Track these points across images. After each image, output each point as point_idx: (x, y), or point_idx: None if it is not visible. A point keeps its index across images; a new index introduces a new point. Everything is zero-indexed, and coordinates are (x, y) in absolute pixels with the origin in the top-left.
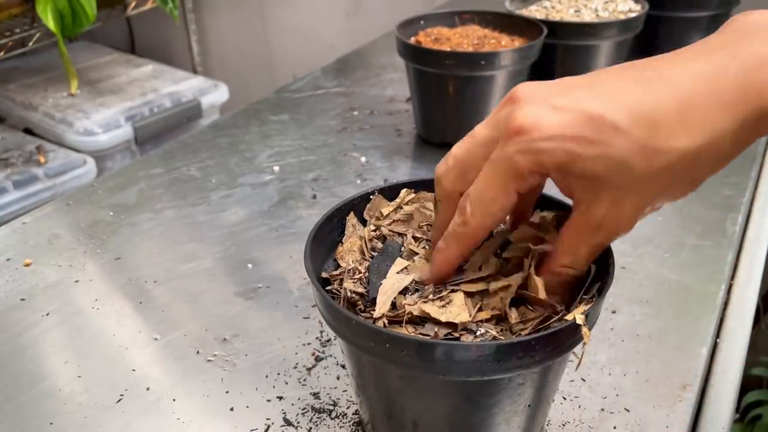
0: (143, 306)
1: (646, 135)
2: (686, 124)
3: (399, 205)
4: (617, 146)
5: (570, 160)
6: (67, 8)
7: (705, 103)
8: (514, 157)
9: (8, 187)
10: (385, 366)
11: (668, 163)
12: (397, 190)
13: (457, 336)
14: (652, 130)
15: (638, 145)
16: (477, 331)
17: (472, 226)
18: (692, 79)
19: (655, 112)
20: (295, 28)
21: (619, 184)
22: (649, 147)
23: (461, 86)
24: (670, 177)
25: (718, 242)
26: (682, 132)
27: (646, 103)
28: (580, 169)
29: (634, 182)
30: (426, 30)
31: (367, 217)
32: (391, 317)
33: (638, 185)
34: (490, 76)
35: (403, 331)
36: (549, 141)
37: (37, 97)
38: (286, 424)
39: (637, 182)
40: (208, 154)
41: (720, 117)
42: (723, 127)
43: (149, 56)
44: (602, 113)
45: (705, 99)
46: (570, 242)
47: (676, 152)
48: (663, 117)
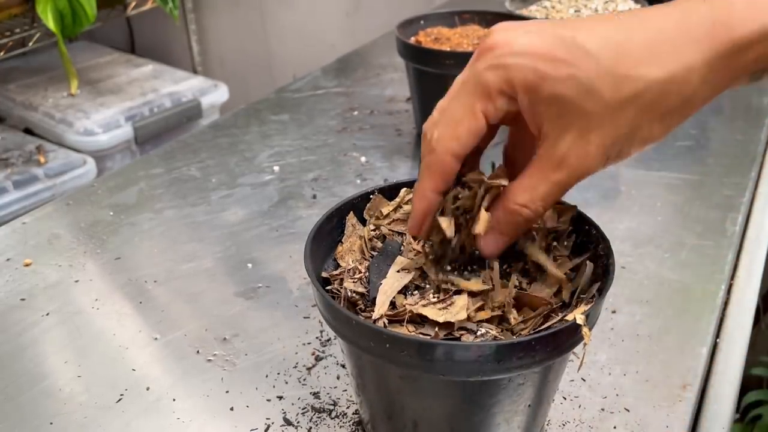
0: (143, 306)
1: (615, 61)
2: (655, 54)
3: (399, 204)
4: (586, 69)
5: (539, 79)
6: (67, 8)
7: (675, 36)
8: (483, 74)
9: (8, 187)
10: (385, 366)
11: (636, 91)
12: (396, 189)
13: (457, 336)
14: (621, 57)
15: (607, 70)
16: (477, 332)
17: (439, 152)
18: (663, 17)
19: (626, 41)
20: (295, 28)
21: (587, 111)
22: (618, 73)
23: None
24: (638, 110)
25: (718, 242)
26: (651, 62)
27: (618, 33)
28: (549, 90)
29: (601, 111)
30: (426, 30)
31: (367, 216)
32: (391, 317)
33: (605, 115)
34: None
35: (403, 330)
36: (519, 57)
37: (37, 97)
38: (286, 424)
39: (605, 111)
40: (208, 154)
41: (689, 50)
42: (692, 60)
43: (149, 56)
44: (573, 36)
45: (675, 33)
46: (530, 178)
47: (643, 81)
48: (633, 46)
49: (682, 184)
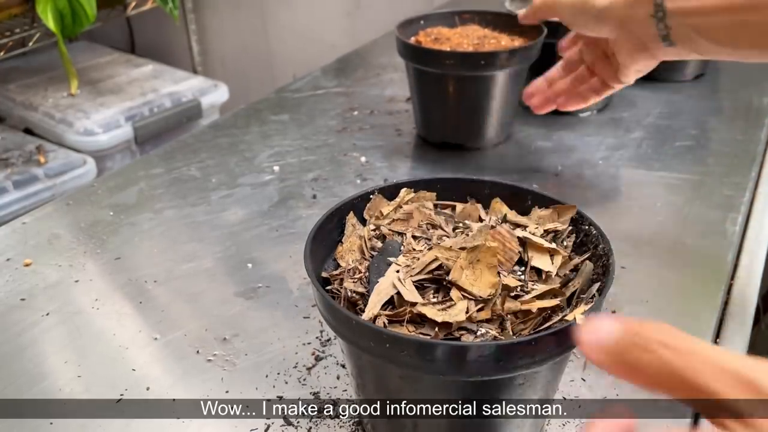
0: (143, 306)
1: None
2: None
3: (399, 204)
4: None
5: None
6: (67, 8)
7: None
8: None
9: (8, 187)
10: (386, 366)
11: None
12: (397, 189)
13: (457, 336)
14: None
15: None
16: (477, 332)
17: None
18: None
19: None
20: (295, 28)
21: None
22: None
23: (461, 86)
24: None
25: (718, 242)
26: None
27: None
28: None
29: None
30: (426, 30)
31: (367, 216)
32: (391, 317)
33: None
34: (490, 75)
35: (403, 330)
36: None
37: (37, 97)
38: (286, 424)
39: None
40: (208, 154)
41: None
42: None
43: (149, 56)
44: None
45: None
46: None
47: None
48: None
49: (682, 184)
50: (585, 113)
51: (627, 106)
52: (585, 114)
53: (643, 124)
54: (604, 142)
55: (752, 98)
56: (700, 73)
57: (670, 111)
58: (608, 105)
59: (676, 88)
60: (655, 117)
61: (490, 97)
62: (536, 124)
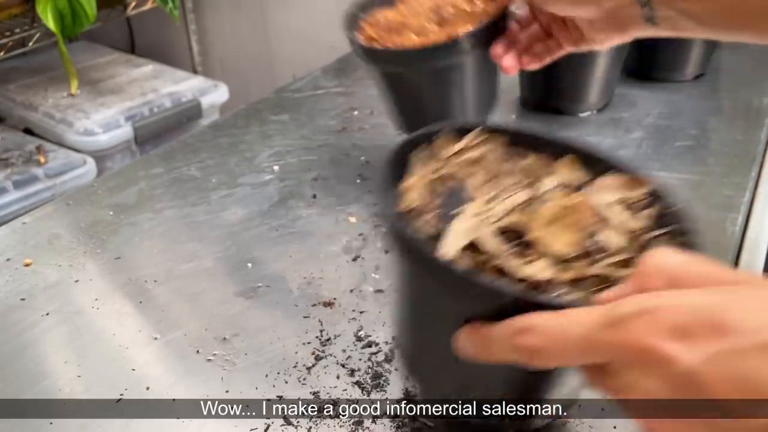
0: (143, 306)
1: None
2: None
3: (466, 145)
4: None
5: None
6: (67, 8)
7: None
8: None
9: (8, 187)
10: (459, 309)
11: None
12: (467, 130)
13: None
14: None
15: None
16: (553, 293)
17: None
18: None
19: None
20: (295, 28)
21: None
22: None
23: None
24: None
25: (718, 242)
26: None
27: None
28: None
29: None
30: (368, 20)
31: (432, 157)
32: (473, 263)
33: None
34: (459, 63)
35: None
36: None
37: (37, 97)
38: (286, 424)
39: None
40: (208, 154)
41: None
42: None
43: (149, 56)
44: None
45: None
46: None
47: None
48: None
49: (682, 184)
50: (585, 113)
51: (627, 106)
52: (585, 114)
53: (643, 124)
54: (604, 142)
55: (752, 98)
56: (700, 73)
57: (670, 111)
58: (608, 105)
59: (676, 88)
60: (655, 117)
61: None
62: (536, 124)
